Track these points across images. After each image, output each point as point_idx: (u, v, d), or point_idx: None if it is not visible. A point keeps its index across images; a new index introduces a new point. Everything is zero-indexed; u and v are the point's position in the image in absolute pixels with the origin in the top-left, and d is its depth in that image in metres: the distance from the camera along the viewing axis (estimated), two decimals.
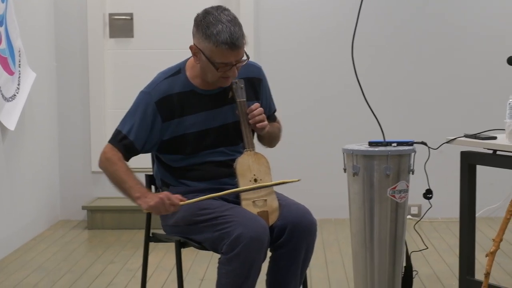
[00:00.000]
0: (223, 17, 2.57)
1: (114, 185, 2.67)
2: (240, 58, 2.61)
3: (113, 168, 2.64)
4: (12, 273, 4.00)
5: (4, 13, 4.27)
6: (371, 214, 3.25)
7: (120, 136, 2.68)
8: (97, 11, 5.25)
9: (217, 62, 2.58)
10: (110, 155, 2.66)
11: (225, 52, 2.56)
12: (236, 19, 2.60)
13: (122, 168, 2.64)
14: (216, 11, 2.59)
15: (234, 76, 2.65)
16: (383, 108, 4.93)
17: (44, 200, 5.06)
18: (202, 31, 2.57)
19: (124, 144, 2.67)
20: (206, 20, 2.57)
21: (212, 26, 2.55)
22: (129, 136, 2.67)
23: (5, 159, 4.37)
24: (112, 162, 2.65)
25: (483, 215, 5.09)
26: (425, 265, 4.09)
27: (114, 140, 2.69)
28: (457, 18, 5.23)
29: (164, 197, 2.55)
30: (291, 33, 5.24)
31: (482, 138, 3.28)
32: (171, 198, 2.56)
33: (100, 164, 2.69)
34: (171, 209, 2.56)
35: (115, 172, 2.64)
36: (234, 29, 2.56)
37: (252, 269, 2.53)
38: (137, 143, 2.67)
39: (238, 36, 2.56)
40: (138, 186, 2.62)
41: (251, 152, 2.68)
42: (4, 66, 4.29)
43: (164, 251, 4.26)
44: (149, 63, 5.22)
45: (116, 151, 2.66)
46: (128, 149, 2.67)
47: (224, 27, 2.55)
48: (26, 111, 4.61)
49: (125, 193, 2.64)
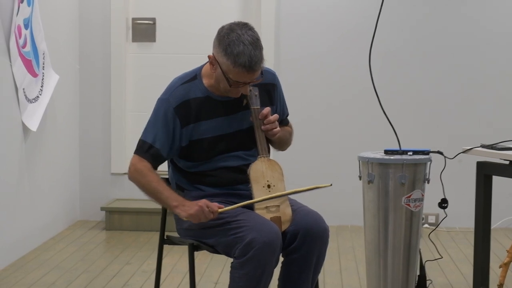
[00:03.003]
0: (246, 37, 2.58)
1: (148, 196, 2.69)
2: (255, 79, 2.64)
3: (145, 180, 2.67)
4: (30, 272, 4.06)
5: (30, 16, 4.35)
6: (385, 222, 3.25)
7: (146, 146, 2.70)
8: (121, 16, 5.31)
9: (231, 79, 2.62)
10: (140, 167, 2.68)
11: (241, 73, 2.59)
12: (258, 41, 2.61)
13: (154, 178, 2.67)
14: (240, 29, 2.60)
15: (245, 92, 2.68)
16: (401, 117, 4.94)
17: (64, 201, 5.12)
18: (223, 47, 2.59)
19: (152, 153, 2.69)
20: (229, 37, 2.59)
21: (233, 45, 2.57)
22: (154, 145, 2.69)
23: (26, 159, 4.43)
24: (144, 174, 2.67)
25: (502, 225, 5.07)
26: (440, 274, 4.08)
27: (141, 150, 2.70)
28: (476, 28, 5.21)
29: (203, 205, 2.58)
30: (311, 40, 5.27)
31: (498, 149, 3.28)
32: (210, 205, 2.59)
33: (130, 176, 2.71)
34: (210, 217, 2.59)
35: (148, 184, 2.66)
36: (255, 53, 2.57)
37: (264, 274, 2.55)
38: (163, 151, 2.69)
39: (257, 61, 2.58)
40: (174, 195, 2.66)
41: (264, 158, 2.71)
42: (29, 68, 4.36)
43: (180, 253, 4.29)
44: (170, 67, 5.26)
45: (146, 162, 2.68)
46: (156, 158, 2.70)
47: (245, 49, 2.56)
48: (48, 112, 4.68)
49: (162, 203, 2.68)
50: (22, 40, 4.26)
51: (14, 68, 4.17)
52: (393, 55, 5.23)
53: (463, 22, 5.22)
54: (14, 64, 4.16)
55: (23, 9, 4.23)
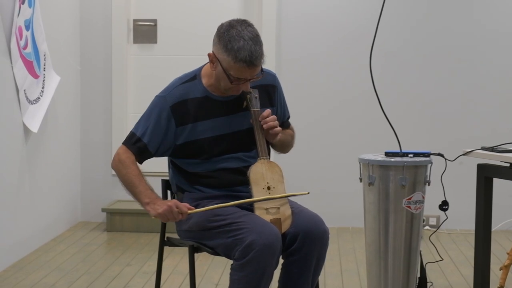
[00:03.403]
0: (246, 33, 2.59)
1: (124, 188, 2.70)
2: (255, 75, 2.64)
3: (125, 171, 2.68)
4: (31, 273, 4.06)
5: (31, 18, 4.35)
6: (386, 224, 3.26)
7: (134, 139, 2.71)
8: (122, 17, 5.32)
9: (232, 76, 2.62)
10: (124, 157, 2.69)
11: (242, 69, 2.59)
12: (258, 37, 2.62)
13: (134, 171, 2.67)
14: (240, 25, 2.61)
15: (246, 89, 2.68)
16: (401, 119, 4.94)
17: (65, 202, 5.13)
18: (223, 43, 2.60)
19: (138, 146, 2.70)
20: (229, 34, 2.59)
21: (233, 41, 2.58)
22: (143, 138, 2.70)
23: (27, 160, 4.44)
24: (125, 165, 2.68)
25: (502, 227, 5.07)
26: (441, 276, 4.08)
27: (128, 142, 2.72)
28: (477, 29, 5.21)
29: (173, 204, 2.58)
30: (312, 41, 5.27)
31: (499, 151, 3.27)
32: (179, 206, 2.58)
33: (113, 164, 2.73)
34: (179, 217, 2.59)
35: (127, 175, 2.67)
36: (255, 48, 2.58)
37: (264, 275, 2.55)
38: (150, 146, 2.70)
39: (258, 55, 2.59)
40: (148, 191, 2.65)
41: (264, 160, 2.71)
42: (30, 69, 4.36)
43: (181, 255, 4.29)
44: (171, 68, 5.26)
45: (130, 154, 2.70)
46: (142, 152, 2.71)
47: (246, 45, 2.57)
48: (49, 113, 4.68)
49: (135, 197, 2.68)
50: (23, 41, 4.27)
51: (15, 69, 4.18)
52: (394, 57, 5.23)
53: (464, 23, 5.22)
54: (15, 65, 4.17)
55: (24, 10, 4.24)
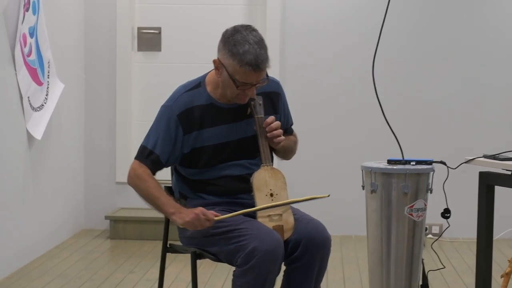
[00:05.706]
0: (251, 37, 2.61)
1: (146, 201, 2.71)
2: (261, 80, 2.66)
3: (144, 185, 2.69)
4: (34, 280, 4.07)
5: (35, 25, 4.38)
6: (388, 232, 3.26)
7: (146, 152, 2.72)
8: (126, 25, 5.34)
9: (238, 81, 2.63)
10: (140, 172, 2.70)
11: (248, 73, 2.61)
12: (263, 41, 2.64)
13: (153, 184, 2.69)
14: (245, 30, 2.63)
15: (253, 95, 2.70)
16: (404, 126, 4.95)
17: (69, 209, 5.14)
18: (228, 48, 2.62)
19: (152, 159, 2.71)
20: (234, 38, 2.62)
21: (239, 45, 2.60)
22: (155, 150, 2.71)
23: (31, 167, 4.46)
24: (143, 179, 2.69)
25: (505, 236, 5.06)
26: (443, 285, 4.08)
27: (141, 156, 2.73)
28: (478, 39, 5.22)
29: (200, 212, 2.60)
30: (315, 49, 5.28)
31: (501, 159, 3.27)
32: (206, 213, 2.60)
33: (129, 181, 2.73)
34: (206, 224, 2.61)
35: (146, 189, 2.69)
36: (260, 52, 2.60)
37: (266, 282, 2.56)
38: (162, 157, 2.71)
39: (263, 59, 2.61)
40: (171, 201, 2.68)
41: (268, 167, 2.72)
42: (34, 76, 4.39)
43: (184, 262, 4.30)
44: (176, 76, 5.24)
45: (145, 168, 2.71)
46: (155, 164, 2.72)
47: (251, 48, 2.59)
48: (53, 121, 4.70)
49: (158, 208, 2.69)
50: (27, 48, 4.29)
51: (19, 76, 4.20)
52: (398, 65, 5.24)
53: (468, 32, 5.23)
54: (19, 72, 4.19)
55: (28, 17, 4.26)
